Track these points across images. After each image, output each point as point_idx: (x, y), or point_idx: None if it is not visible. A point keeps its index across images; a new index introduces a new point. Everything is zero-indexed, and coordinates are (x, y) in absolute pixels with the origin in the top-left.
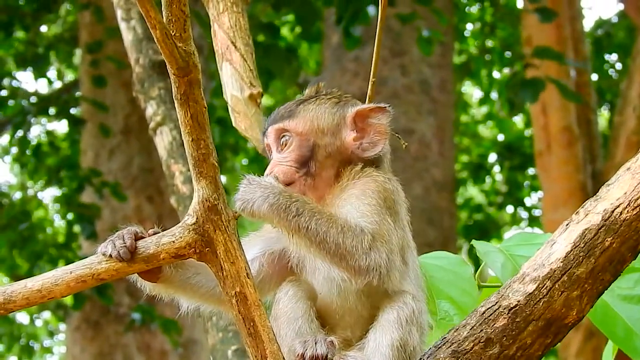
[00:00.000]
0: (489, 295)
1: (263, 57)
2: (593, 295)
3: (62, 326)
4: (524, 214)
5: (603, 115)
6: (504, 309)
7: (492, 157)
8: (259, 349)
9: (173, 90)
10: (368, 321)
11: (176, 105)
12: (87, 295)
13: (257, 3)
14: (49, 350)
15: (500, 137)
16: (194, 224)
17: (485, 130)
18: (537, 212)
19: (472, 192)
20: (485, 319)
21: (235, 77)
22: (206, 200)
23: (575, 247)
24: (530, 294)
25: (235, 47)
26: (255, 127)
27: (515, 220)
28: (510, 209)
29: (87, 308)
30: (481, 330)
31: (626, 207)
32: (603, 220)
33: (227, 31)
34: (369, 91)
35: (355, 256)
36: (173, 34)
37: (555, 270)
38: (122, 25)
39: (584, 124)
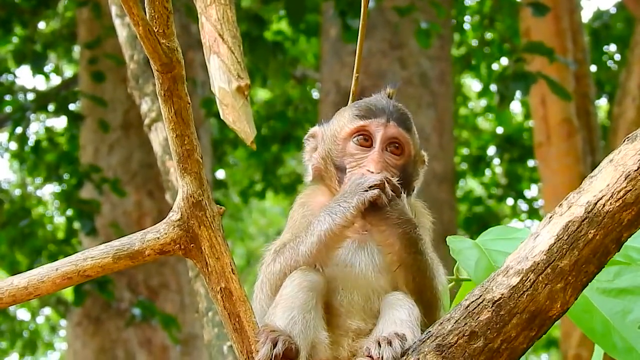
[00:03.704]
0: (470, 289)
1: (249, 50)
2: (577, 288)
3: (63, 322)
4: (524, 206)
5: (602, 107)
6: (488, 302)
7: (492, 150)
8: (244, 344)
9: (157, 86)
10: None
11: (160, 101)
12: (88, 291)
13: None
14: (50, 346)
15: (500, 130)
16: (178, 220)
17: (485, 123)
18: (537, 204)
19: (472, 184)
20: (469, 312)
21: (222, 70)
22: (191, 196)
23: (558, 240)
24: (514, 287)
25: (223, 39)
26: (243, 119)
27: (515, 212)
28: (510, 201)
29: (88, 304)
30: (465, 324)
31: (609, 199)
32: (586, 212)
33: (214, 24)
34: (352, 87)
35: (436, 311)
36: (156, 30)
37: (538, 263)
38: (117, 22)
39: (584, 116)
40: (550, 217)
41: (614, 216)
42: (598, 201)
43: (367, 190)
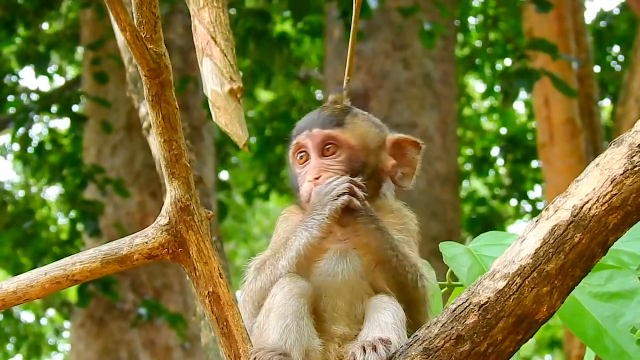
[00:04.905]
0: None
1: (254, 46)
2: (563, 291)
3: (67, 323)
4: (527, 207)
5: (605, 108)
6: (475, 305)
7: (496, 150)
8: (232, 349)
9: (144, 91)
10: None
11: (148, 106)
12: (92, 292)
13: None
14: (54, 347)
15: (504, 130)
16: (166, 224)
17: (489, 123)
18: (540, 205)
19: (476, 185)
20: (455, 316)
21: (215, 72)
22: (178, 201)
23: (544, 244)
24: (500, 290)
25: (216, 42)
26: (235, 122)
27: (518, 213)
28: (513, 201)
29: (91, 305)
30: (452, 327)
31: (595, 203)
32: (572, 216)
33: (207, 26)
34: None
35: (420, 307)
36: (144, 35)
37: (525, 267)
38: (115, 25)
39: (587, 116)
40: (537, 221)
41: (600, 220)
42: (584, 205)
43: (336, 199)
